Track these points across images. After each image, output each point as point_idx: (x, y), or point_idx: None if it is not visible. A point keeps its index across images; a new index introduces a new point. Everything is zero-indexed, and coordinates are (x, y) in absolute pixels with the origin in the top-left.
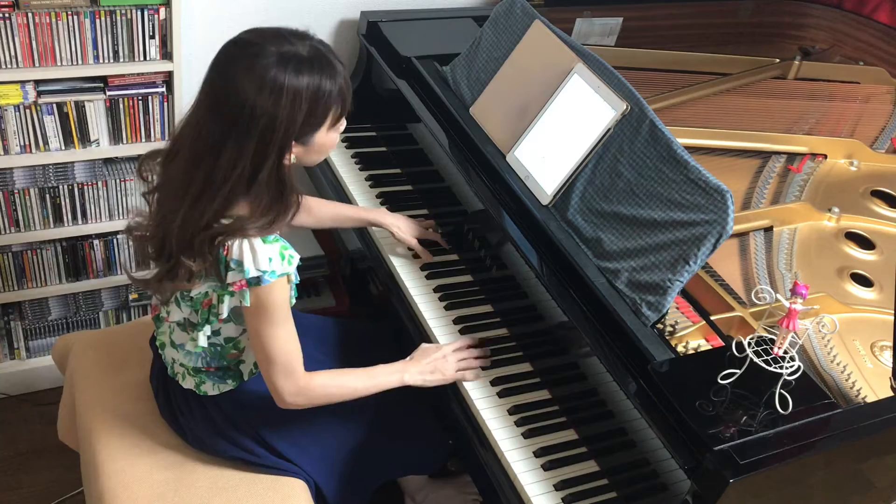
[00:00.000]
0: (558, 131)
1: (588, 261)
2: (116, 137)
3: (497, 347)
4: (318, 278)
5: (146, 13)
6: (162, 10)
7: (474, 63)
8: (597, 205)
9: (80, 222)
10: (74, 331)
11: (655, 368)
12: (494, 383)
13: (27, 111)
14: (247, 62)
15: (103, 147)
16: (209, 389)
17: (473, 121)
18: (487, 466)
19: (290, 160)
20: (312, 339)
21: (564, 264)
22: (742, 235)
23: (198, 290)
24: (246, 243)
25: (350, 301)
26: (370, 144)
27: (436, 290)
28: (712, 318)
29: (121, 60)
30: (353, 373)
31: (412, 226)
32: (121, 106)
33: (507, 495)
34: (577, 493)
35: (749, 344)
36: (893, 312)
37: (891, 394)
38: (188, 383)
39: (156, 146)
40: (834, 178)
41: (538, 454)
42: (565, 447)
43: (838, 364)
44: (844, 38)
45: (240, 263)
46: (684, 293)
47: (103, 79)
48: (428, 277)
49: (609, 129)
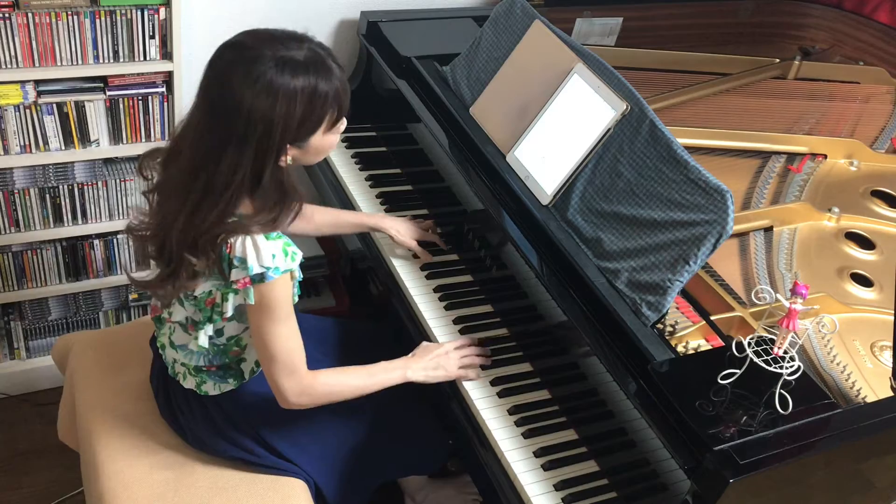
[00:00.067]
0: (558, 131)
1: (588, 261)
2: (116, 137)
3: (497, 347)
4: (318, 278)
5: (146, 13)
6: (162, 10)
7: (474, 63)
8: (597, 205)
9: (80, 222)
10: (74, 331)
11: (655, 368)
12: (494, 383)
13: (27, 111)
14: (243, 67)
15: (103, 147)
16: (210, 389)
17: (473, 121)
18: (487, 466)
19: (287, 162)
20: (312, 340)
21: (564, 264)
22: (742, 235)
23: (201, 290)
24: (249, 240)
25: (350, 301)
26: (370, 144)
27: (436, 290)
28: (712, 318)
29: (121, 60)
30: (356, 370)
31: (412, 228)
32: (121, 106)
33: (507, 495)
34: (577, 493)
35: (749, 344)
36: (893, 312)
37: (891, 394)
38: (189, 383)
39: (156, 146)
40: (834, 178)
41: (538, 454)
42: (565, 447)
43: (838, 364)
44: (844, 38)
45: (243, 260)
46: (684, 293)
47: (103, 79)
48: (428, 277)
49: (609, 129)
